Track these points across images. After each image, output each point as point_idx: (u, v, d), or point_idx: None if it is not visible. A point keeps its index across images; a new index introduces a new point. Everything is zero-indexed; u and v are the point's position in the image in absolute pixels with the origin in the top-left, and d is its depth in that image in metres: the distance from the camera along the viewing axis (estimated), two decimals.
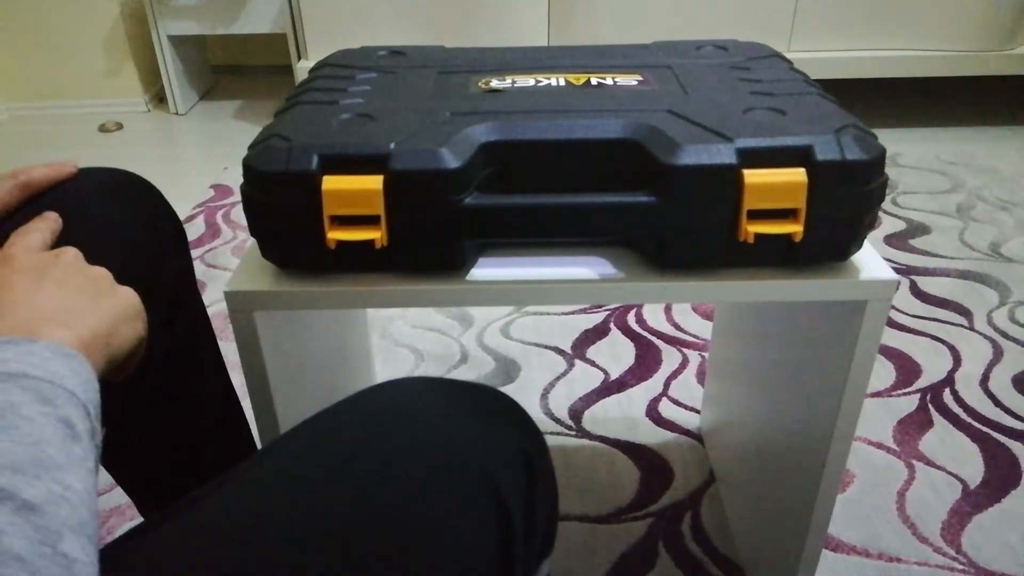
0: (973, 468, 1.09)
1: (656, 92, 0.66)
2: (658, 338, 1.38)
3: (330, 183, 0.55)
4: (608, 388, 1.26)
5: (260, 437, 0.68)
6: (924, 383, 1.25)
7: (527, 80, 0.69)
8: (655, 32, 2.08)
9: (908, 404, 1.21)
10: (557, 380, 1.28)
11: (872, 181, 0.57)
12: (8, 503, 0.30)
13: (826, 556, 0.96)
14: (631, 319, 1.43)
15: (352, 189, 0.55)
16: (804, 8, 2.04)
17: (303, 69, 2.16)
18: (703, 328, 1.40)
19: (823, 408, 0.69)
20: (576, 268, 0.61)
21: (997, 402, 1.20)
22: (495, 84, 0.68)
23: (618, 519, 1.02)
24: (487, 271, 0.61)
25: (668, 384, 1.26)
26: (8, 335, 0.40)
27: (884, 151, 0.57)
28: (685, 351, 1.34)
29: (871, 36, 2.08)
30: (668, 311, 1.46)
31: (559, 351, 1.35)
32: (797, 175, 0.56)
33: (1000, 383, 1.25)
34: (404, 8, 2.07)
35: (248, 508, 0.40)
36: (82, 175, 0.63)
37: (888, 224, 1.74)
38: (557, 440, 1.15)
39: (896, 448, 1.12)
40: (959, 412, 1.19)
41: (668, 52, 0.77)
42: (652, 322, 1.42)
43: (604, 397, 1.24)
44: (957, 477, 1.07)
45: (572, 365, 1.31)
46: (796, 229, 0.57)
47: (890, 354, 1.32)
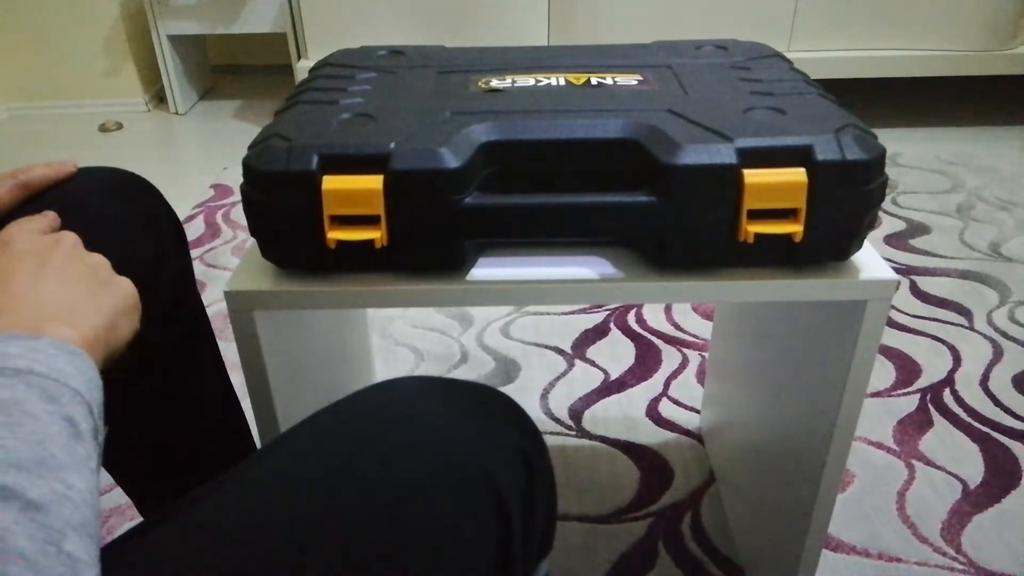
0: (973, 468, 1.09)
1: (656, 92, 0.66)
2: (658, 338, 1.38)
3: (330, 183, 0.55)
4: (608, 388, 1.26)
5: (260, 437, 0.68)
6: (924, 383, 1.25)
7: (527, 80, 0.69)
8: (655, 32, 2.08)
9: (908, 404, 1.21)
10: (557, 380, 1.28)
11: (872, 181, 0.57)
12: (14, 502, 0.30)
13: (826, 556, 0.96)
14: (631, 319, 1.43)
15: (352, 189, 0.55)
16: (804, 8, 2.04)
17: (303, 69, 2.16)
18: (703, 328, 1.40)
19: (823, 408, 0.69)
20: (576, 268, 0.61)
21: (997, 402, 1.20)
22: (495, 84, 0.68)
23: (618, 519, 1.02)
24: (487, 271, 0.61)
25: (668, 384, 1.26)
26: (13, 330, 0.40)
27: (884, 151, 0.57)
28: (685, 351, 1.34)
29: (871, 36, 2.08)
30: (668, 311, 1.46)
31: (559, 351, 1.35)
32: (797, 175, 0.56)
33: (1000, 383, 1.25)
34: (404, 8, 2.07)
35: (247, 508, 0.40)
36: (82, 175, 0.63)
37: (888, 224, 1.74)
38: (557, 440, 1.15)
39: (896, 448, 1.12)
40: (959, 412, 1.19)
41: (668, 52, 0.77)
42: (652, 322, 1.42)
43: (604, 397, 1.24)
44: (957, 477, 1.07)
45: (572, 365, 1.31)
46: (796, 229, 0.57)
47: (890, 354, 1.32)
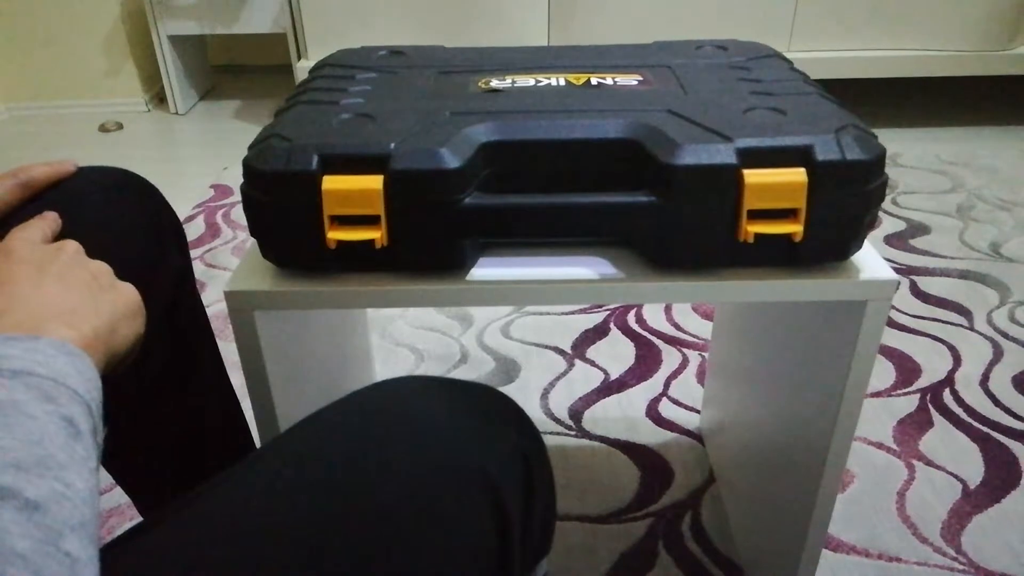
0: (973, 468, 1.09)
1: (656, 92, 0.66)
2: (658, 338, 1.38)
3: (330, 183, 0.55)
4: (608, 388, 1.26)
5: (260, 437, 0.68)
6: (924, 383, 1.25)
7: (527, 80, 0.69)
8: (655, 32, 2.08)
9: (908, 404, 1.21)
10: (557, 380, 1.28)
11: (872, 181, 0.57)
12: (11, 501, 0.30)
13: (826, 556, 0.96)
14: (631, 319, 1.43)
15: (352, 189, 0.55)
16: (804, 8, 2.04)
17: (303, 69, 2.16)
18: (703, 328, 1.40)
19: (823, 408, 0.69)
20: (576, 268, 0.61)
21: (997, 402, 1.20)
22: (495, 84, 0.68)
23: (618, 519, 1.02)
24: (487, 271, 0.61)
25: (668, 384, 1.26)
26: (12, 332, 0.40)
27: (884, 151, 0.57)
28: (685, 351, 1.34)
29: (871, 36, 2.08)
30: (668, 311, 1.46)
31: (559, 351, 1.35)
32: (797, 175, 0.56)
33: (1000, 383, 1.25)
34: (404, 8, 2.07)
35: (246, 508, 0.40)
36: (82, 174, 0.63)
37: (888, 224, 1.74)
38: (557, 440, 1.15)
39: (896, 448, 1.12)
40: (959, 412, 1.19)
41: (668, 52, 0.77)
42: (652, 322, 1.42)
43: (604, 397, 1.24)
44: (957, 477, 1.07)
45: (572, 365, 1.31)
46: (796, 229, 0.57)
47: (890, 354, 1.32)
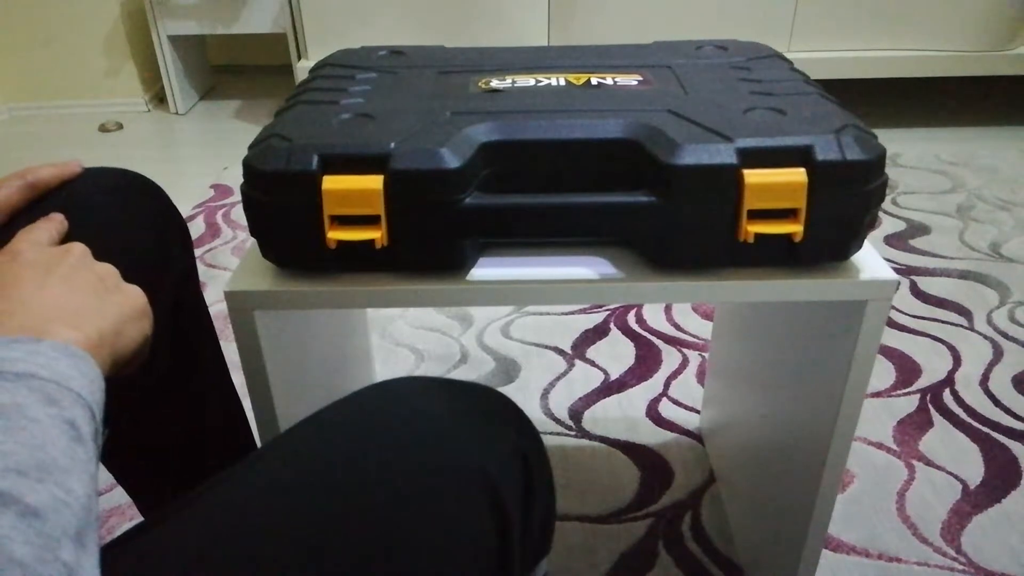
0: (973, 468, 1.09)
1: (656, 92, 0.66)
2: (658, 338, 1.38)
3: (330, 183, 0.55)
4: (608, 388, 1.26)
5: (260, 437, 0.68)
6: (924, 383, 1.25)
7: (527, 80, 0.69)
8: (655, 32, 2.08)
9: (908, 404, 1.21)
10: (557, 380, 1.28)
11: (872, 181, 0.57)
12: (12, 507, 0.30)
13: (826, 556, 0.96)
14: (631, 319, 1.43)
15: (352, 189, 0.55)
16: (804, 8, 2.04)
17: (303, 69, 2.16)
18: (703, 328, 1.40)
19: (823, 408, 0.69)
20: (576, 268, 0.61)
21: (997, 402, 1.20)
22: (495, 84, 0.68)
23: (618, 519, 1.02)
24: (487, 271, 0.61)
25: (668, 384, 1.26)
26: (17, 334, 0.40)
27: (884, 151, 0.57)
28: (685, 351, 1.34)
29: (871, 36, 2.08)
30: (668, 311, 1.46)
31: (559, 351, 1.35)
32: (797, 175, 0.56)
33: (1000, 383, 1.25)
34: (404, 8, 2.07)
35: (246, 507, 0.40)
36: (88, 176, 0.63)
37: (888, 224, 1.74)
38: (557, 440, 1.15)
39: (896, 448, 1.12)
40: (959, 412, 1.19)
41: (668, 52, 0.77)
42: (652, 322, 1.42)
43: (604, 397, 1.24)
44: (957, 477, 1.07)
45: (572, 365, 1.31)
46: (796, 229, 0.57)
47: (890, 354, 1.32)
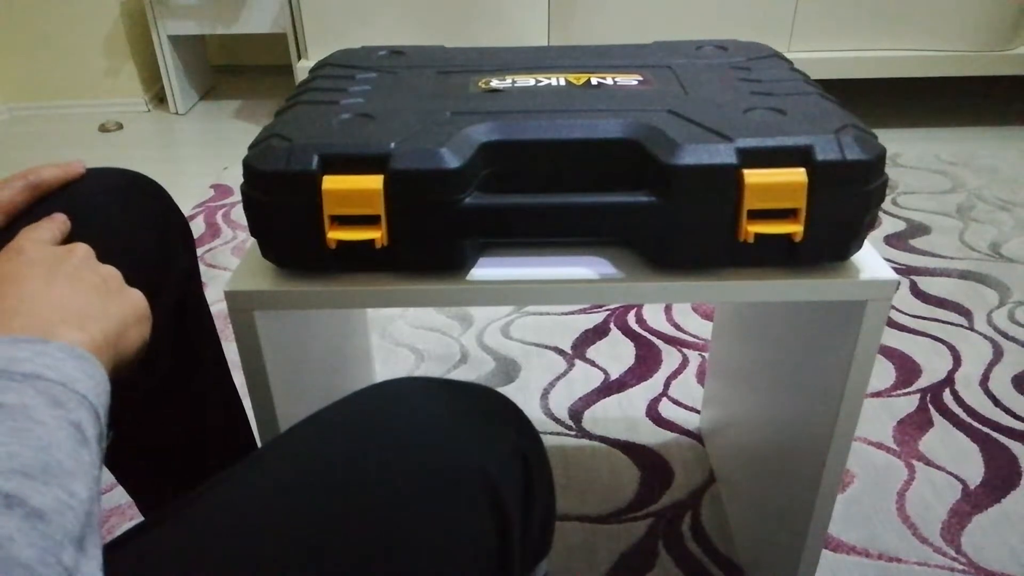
0: (973, 468, 1.09)
1: (656, 92, 0.66)
2: (658, 338, 1.38)
3: (330, 183, 0.55)
4: (608, 388, 1.26)
5: (260, 437, 0.68)
6: (924, 383, 1.25)
7: (527, 80, 0.69)
8: (655, 32, 2.08)
9: (908, 404, 1.21)
10: (557, 380, 1.28)
11: (872, 181, 0.57)
12: (17, 509, 0.30)
13: (826, 556, 0.96)
14: (631, 319, 1.43)
15: (352, 189, 0.55)
16: (804, 8, 2.04)
17: (303, 69, 2.16)
18: (703, 328, 1.40)
19: (823, 408, 0.69)
20: (576, 268, 0.61)
21: (997, 402, 1.20)
22: (495, 84, 0.68)
23: (618, 519, 1.02)
24: (487, 271, 0.61)
25: (668, 384, 1.26)
26: (22, 332, 0.40)
27: (884, 151, 0.57)
28: (685, 351, 1.34)
29: (871, 36, 2.08)
30: (668, 311, 1.46)
31: (559, 351, 1.35)
32: (797, 175, 0.56)
33: (1000, 383, 1.25)
34: (404, 8, 2.07)
35: (246, 507, 0.40)
36: (91, 176, 0.63)
37: (888, 224, 1.74)
38: (557, 440, 1.15)
39: (896, 448, 1.12)
40: (959, 412, 1.19)
41: (668, 52, 0.77)
42: (652, 322, 1.42)
43: (604, 397, 1.24)
44: (957, 477, 1.07)
45: (572, 365, 1.31)
46: (796, 229, 0.57)
47: (890, 354, 1.32)
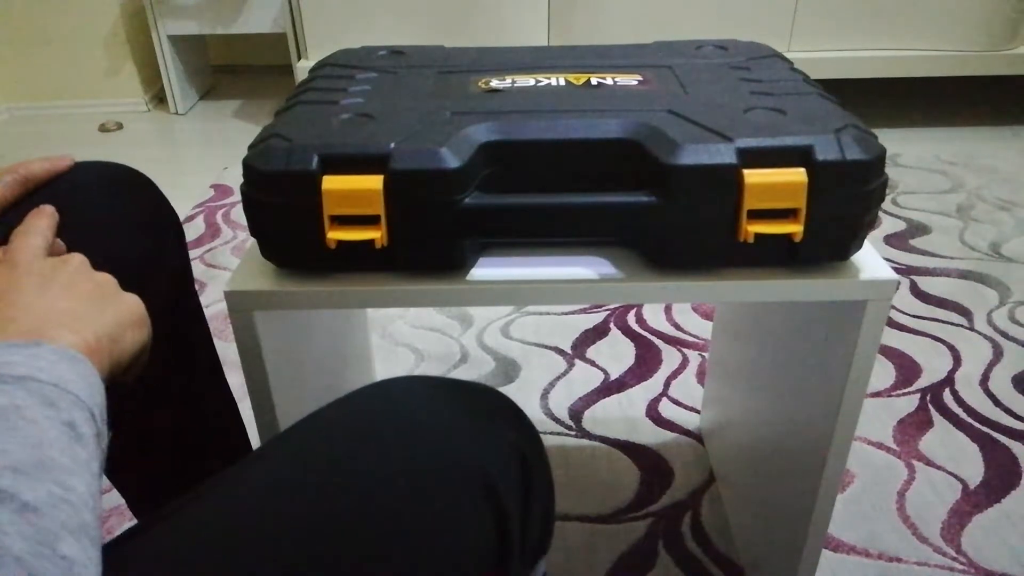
0: (973, 468, 1.09)
1: (656, 92, 0.66)
2: (658, 338, 1.38)
3: (330, 183, 0.55)
4: (608, 388, 1.26)
5: (260, 437, 0.68)
6: (924, 383, 1.25)
7: (527, 80, 0.69)
8: (655, 32, 2.08)
9: (908, 404, 1.21)
10: (557, 380, 1.28)
11: (872, 181, 0.57)
12: (8, 504, 0.30)
13: (826, 556, 0.96)
14: (631, 319, 1.43)
15: (352, 189, 0.55)
16: (804, 8, 2.04)
17: (303, 69, 2.16)
18: (703, 328, 1.40)
19: (823, 408, 0.69)
20: (576, 268, 0.61)
21: (997, 402, 1.20)
22: (495, 84, 0.68)
23: (618, 519, 1.02)
24: (487, 271, 0.61)
25: (668, 384, 1.26)
26: (16, 338, 0.40)
27: (884, 151, 0.57)
28: (685, 351, 1.34)
29: (871, 36, 2.08)
30: (668, 311, 1.46)
31: (559, 351, 1.35)
32: (797, 175, 0.56)
33: (1000, 383, 1.25)
34: (404, 8, 2.07)
35: (244, 507, 0.40)
36: (80, 169, 0.63)
37: (888, 224, 1.74)
38: (557, 440, 1.15)
39: (896, 448, 1.12)
40: (959, 412, 1.19)
41: (668, 52, 0.77)
42: (652, 322, 1.42)
43: (604, 397, 1.24)
44: (957, 477, 1.07)
45: (572, 365, 1.31)
46: (796, 229, 0.57)
47: (890, 354, 1.32)
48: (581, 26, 2.09)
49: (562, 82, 0.69)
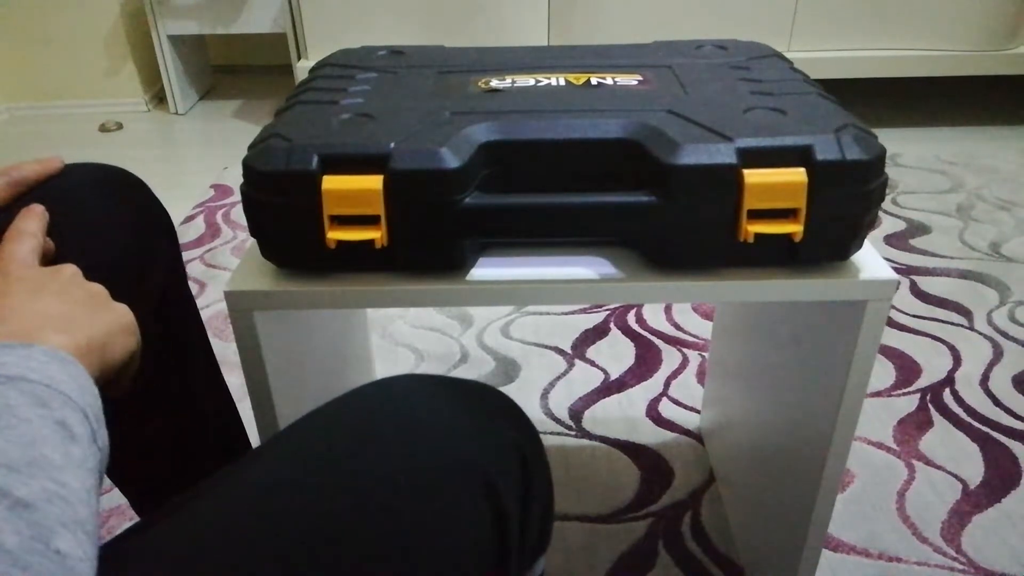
0: (973, 468, 1.09)
1: (656, 92, 0.66)
2: (658, 338, 1.38)
3: (330, 183, 0.55)
4: (608, 388, 1.26)
5: (260, 437, 0.68)
6: (924, 383, 1.25)
7: (527, 80, 0.69)
8: (655, 32, 2.08)
9: (908, 404, 1.21)
10: (557, 380, 1.28)
11: (872, 181, 0.57)
12: (2, 500, 0.30)
13: (826, 556, 0.96)
14: (631, 319, 1.43)
15: (352, 189, 0.55)
16: (804, 8, 2.04)
17: (303, 69, 2.16)
18: (703, 328, 1.40)
19: (823, 408, 0.69)
20: (576, 268, 0.61)
21: (997, 402, 1.20)
22: (495, 84, 0.68)
23: (618, 519, 1.02)
24: (487, 271, 0.61)
25: (668, 384, 1.26)
26: (7, 340, 0.40)
27: (884, 151, 0.57)
28: (685, 351, 1.34)
29: (871, 36, 2.08)
30: (668, 311, 1.46)
31: (559, 351, 1.35)
32: (797, 175, 0.56)
33: (1000, 383, 1.25)
34: (404, 8, 2.07)
35: (243, 506, 0.40)
36: (71, 171, 0.63)
37: (888, 224, 1.74)
38: (557, 440, 1.15)
39: (896, 448, 1.12)
40: (959, 412, 1.19)
41: (668, 52, 0.77)
42: (652, 322, 1.42)
43: (604, 397, 1.24)
44: (957, 477, 1.07)
45: (572, 365, 1.31)
46: (796, 229, 0.57)
47: (890, 354, 1.32)
48: (581, 26, 2.09)
49: (562, 82, 0.69)
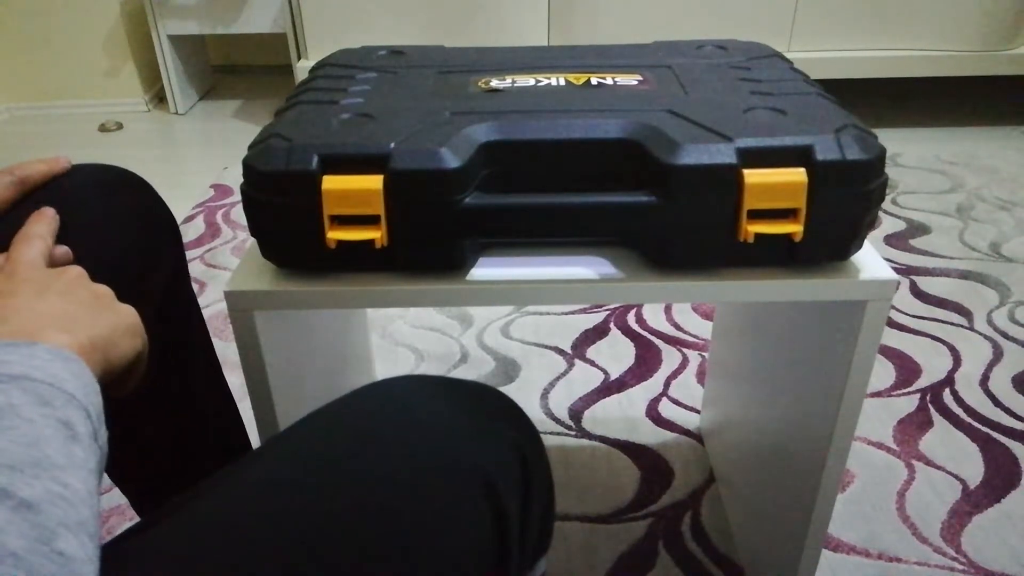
0: (973, 468, 1.09)
1: (656, 92, 0.66)
2: (658, 338, 1.38)
3: (330, 183, 0.55)
4: (608, 388, 1.26)
5: (260, 437, 0.68)
6: (924, 383, 1.25)
7: (527, 80, 0.69)
8: (655, 32, 2.08)
9: (908, 404, 1.21)
10: (557, 380, 1.28)
11: (872, 181, 0.57)
12: (6, 501, 0.30)
13: (826, 556, 0.96)
14: (631, 319, 1.43)
15: (352, 189, 0.55)
16: (804, 8, 2.04)
17: (303, 69, 2.16)
18: (703, 328, 1.40)
19: (823, 408, 0.69)
20: (576, 268, 0.61)
21: (997, 402, 1.20)
22: (495, 84, 0.68)
23: (618, 519, 1.02)
24: (487, 271, 0.61)
25: (668, 384, 1.26)
26: (10, 338, 0.40)
27: (884, 151, 0.57)
28: (685, 351, 1.34)
29: (871, 36, 2.08)
30: (668, 311, 1.46)
31: (559, 351, 1.35)
32: (797, 175, 0.56)
33: (1000, 383, 1.25)
34: (404, 8, 2.07)
35: (244, 506, 0.40)
36: (77, 171, 0.64)
37: (888, 224, 1.74)
38: (557, 440, 1.15)
39: (896, 448, 1.12)
40: (959, 412, 1.19)
41: (668, 52, 0.77)
42: (652, 322, 1.42)
43: (604, 397, 1.24)
44: (957, 477, 1.07)
45: (572, 365, 1.31)
46: (796, 229, 0.57)
47: (890, 354, 1.32)
48: (581, 26, 2.09)
49: (562, 82, 0.69)
